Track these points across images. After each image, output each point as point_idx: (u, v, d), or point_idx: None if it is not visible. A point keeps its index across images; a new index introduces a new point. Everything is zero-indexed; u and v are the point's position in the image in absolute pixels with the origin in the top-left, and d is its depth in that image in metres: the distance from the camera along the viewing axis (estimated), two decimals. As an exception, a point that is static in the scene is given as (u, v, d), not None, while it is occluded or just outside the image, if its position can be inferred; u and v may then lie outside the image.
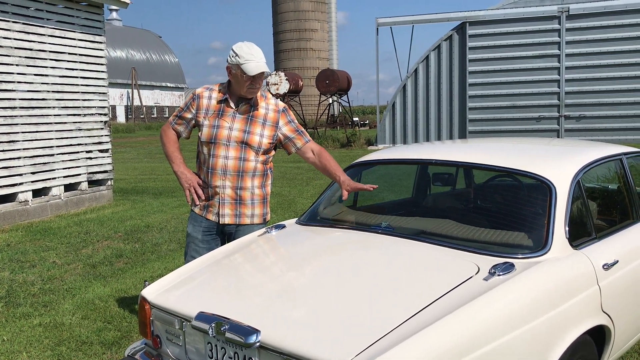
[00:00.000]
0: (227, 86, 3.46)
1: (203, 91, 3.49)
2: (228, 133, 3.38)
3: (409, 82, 20.82)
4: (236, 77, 3.33)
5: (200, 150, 3.51)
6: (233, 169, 3.40)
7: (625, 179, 3.36)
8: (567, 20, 18.66)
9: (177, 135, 3.57)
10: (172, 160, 3.55)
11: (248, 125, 3.40)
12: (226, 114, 3.41)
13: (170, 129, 3.57)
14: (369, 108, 67.17)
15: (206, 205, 3.49)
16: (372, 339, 1.97)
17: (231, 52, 3.32)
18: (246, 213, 3.47)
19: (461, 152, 3.50)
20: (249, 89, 3.33)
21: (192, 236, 3.54)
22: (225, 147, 3.38)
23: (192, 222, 3.57)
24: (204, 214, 3.50)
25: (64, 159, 8.81)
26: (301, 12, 55.04)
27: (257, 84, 3.34)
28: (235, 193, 3.43)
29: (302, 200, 9.58)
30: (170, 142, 3.56)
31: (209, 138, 3.40)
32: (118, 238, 7.08)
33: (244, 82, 3.30)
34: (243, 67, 3.25)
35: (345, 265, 2.74)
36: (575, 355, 2.49)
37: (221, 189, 3.42)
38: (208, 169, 3.43)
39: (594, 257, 2.70)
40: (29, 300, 4.84)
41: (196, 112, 3.46)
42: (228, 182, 3.41)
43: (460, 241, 2.74)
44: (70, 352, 3.79)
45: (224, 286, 2.77)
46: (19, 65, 8.02)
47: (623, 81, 18.28)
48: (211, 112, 3.43)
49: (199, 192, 3.47)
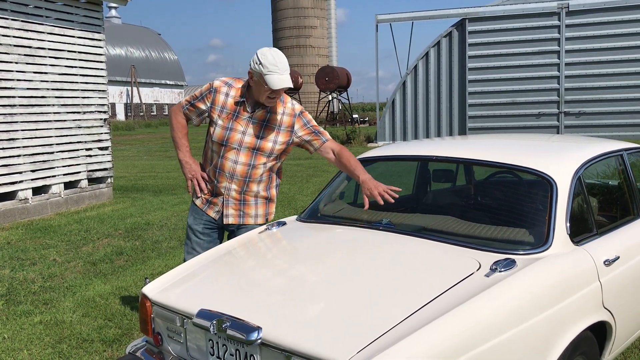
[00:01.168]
0: (246, 87, 3.35)
1: (221, 86, 3.37)
2: (241, 137, 3.31)
3: (409, 78, 20.80)
4: (257, 85, 3.20)
5: (209, 146, 3.44)
6: (241, 174, 3.35)
7: (625, 175, 3.36)
8: (567, 17, 18.63)
9: (186, 120, 3.49)
10: (178, 147, 3.49)
11: (262, 131, 3.32)
12: (241, 117, 3.31)
13: (181, 112, 3.46)
14: (369, 105, 67.13)
15: (208, 200, 3.47)
16: (373, 336, 1.97)
17: (255, 57, 3.17)
18: (250, 213, 3.46)
19: (461, 149, 3.50)
20: (268, 98, 3.23)
21: (192, 228, 3.52)
22: (236, 151, 3.32)
23: (192, 214, 3.54)
24: (204, 209, 3.48)
25: (63, 156, 8.80)
26: (300, 9, 54.98)
27: (277, 94, 3.24)
28: (239, 195, 3.41)
29: (302, 197, 9.58)
30: (179, 126, 3.47)
31: (220, 140, 3.33)
32: (118, 236, 7.08)
33: (264, 92, 3.19)
34: (266, 78, 3.12)
35: (346, 262, 2.74)
36: (577, 351, 2.49)
37: (226, 190, 3.39)
38: (216, 168, 3.40)
39: (595, 253, 2.70)
40: (30, 298, 4.84)
41: (211, 106, 3.36)
42: (234, 185, 3.38)
43: (461, 237, 2.74)
44: (71, 350, 3.79)
45: (225, 283, 2.77)
46: (18, 63, 8.01)
47: (623, 77, 18.25)
48: (226, 111, 3.33)
49: (202, 184, 3.44)
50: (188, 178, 3.47)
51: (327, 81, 25.21)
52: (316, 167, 14.31)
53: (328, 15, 59.62)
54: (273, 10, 56.71)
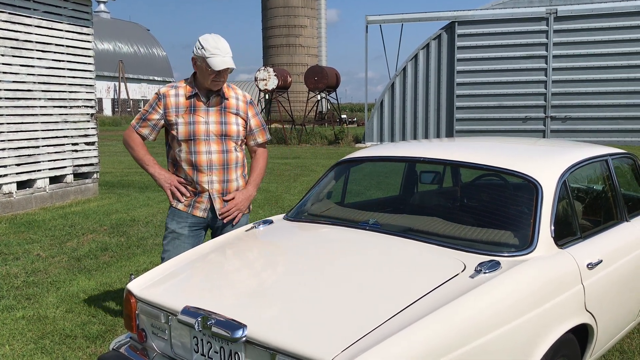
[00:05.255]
0: (193, 80, 3.42)
1: (168, 90, 3.43)
2: (206, 128, 3.36)
3: (398, 80, 20.87)
4: (201, 69, 3.31)
5: (176, 151, 3.43)
6: (218, 162, 3.39)
7: (610, 180, 3.40)
8: (555, 22, 18.81)
9: (142, 138, 3.48)
10: (145, 163, 3.47)
11: (223, 116, 3.40)
12: (199, 109, 3.38)
13: (134, 133, 3.47)
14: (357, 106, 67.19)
15: (193, 201, 3.46)
16: (358, 335, 1.98)
17: (197, 43, 3.30)
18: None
19: (449, 151, 3.52)
20: (213, 82, 3.31)
21: (177, 232, 3.47)
22: (206, 142, 3.37)
23: (175, 219, 3.49)
24: (189, 211, 3.46)
25: (49, 151, 8.72)
26: (291, 8, 54.87)
27: (222, 78, 3.33)
28: (222, 187, 3.43)
29: (289, 196, 9.57)
30: (139, 144, 3.47)
31: (187, 135, 3.36)
32: (103, 231, 7.04)
33: (208, 75, 3.29)
34: (208, 61, 3.24)
35: (333, 261, 2.74)
36: (558, 353, 2.52)
37: (209, 184, 3.40)
38: (192, 166, 3.39)
39: (578, 257, 2.73)
40: (12, 293, 4.80)
41: (165, 112, 3.39)
42: (215, 176, 3.40)
43: (447, 239, 2.75)
44: (53, 346, 3.76)
45: (210, 281, 2.76)
46: (4, 56, 7.93)
47: (609, 83, 18.46)
48: (182, 109, 3.38)
49: (182, 189, 3.43)
50: (166, 188, 3.44)
51: (316, 81, 25.20)
52: (304, 166, 14.31)
53: (318, 15, 59.59)
54: (263, 9, 56.55)
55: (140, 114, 3.48)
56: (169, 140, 3.49)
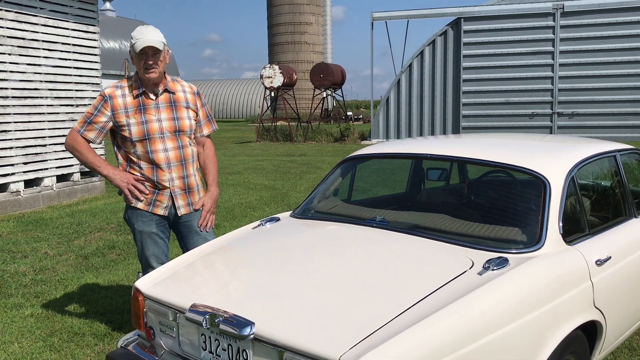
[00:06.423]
0: (138, 78, 3.36)
1: (113, 90, 3.35)
2: (159, 125, 3.33)
3: (404, 77, 20.81)
4: (136, 62, 3.29)
5: (131, 152, 3.36)
6: (176, 159, 3.38)
7: (618, 176, 3.38)
8: (562, 17, 18.69)
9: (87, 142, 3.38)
10: (97, 165, 3.38)
11: (174, 112, 3.38)
12: (149, 107, 3.33)
13: (79, 137, 3.35)
14: (363, 103, 67.13)
15: (153, 200, 3.40)
16: (365, 333, 1.98)
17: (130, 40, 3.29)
18: (196, 200, 3.50)
19: (456, 147, 3.51)
20: (145, 69, 3.25)
21: (146, 232, 3.42)
22: (161, 139, 3.34)
23: (139, 219, 3.42)
24: (150, 209, 3.40)
25: (56, 149, 8.76)
26: (296, 5, 54.80)
27: (151, 62, 3.24)
28: (183, 183, 3.42)
29: (295, 193, 9.57)
30: (85, 149, 3.37)
31: (141, 135, 3.31)
32: (110, 229, 7.06)
33: (138, 62, 3.26)
34: (134, 47, 3.22)
35: (340, 258, 2.74)
36: (567, 350, 2.51)
37: (169, 182, 3.38)
38: (151, 164, 3.34)
39: (587, 253, 2.72)
40: (21, 290, 4.82)
41: (113, 114, 3.31)
42: (174, 173, 3.38)
43: (455, 236, 2.75)
44: (62, 343, 3.77)
45: (218, 278, 2.77)
46: (11, 55, 7.96)
47: (616, 79, 18.34)
48: (131, 109, 3.32)
49: (140, 187, 3.36)
50: (124, 187, 3.35)
51: (322, 78, 25.16)
52: (310, 163, 14.31)
53: (323, 12, 59.52)
54: (268, 6, 56.49)
55: (84, 117, 3.36)
56: (119, 141, 3.41)
